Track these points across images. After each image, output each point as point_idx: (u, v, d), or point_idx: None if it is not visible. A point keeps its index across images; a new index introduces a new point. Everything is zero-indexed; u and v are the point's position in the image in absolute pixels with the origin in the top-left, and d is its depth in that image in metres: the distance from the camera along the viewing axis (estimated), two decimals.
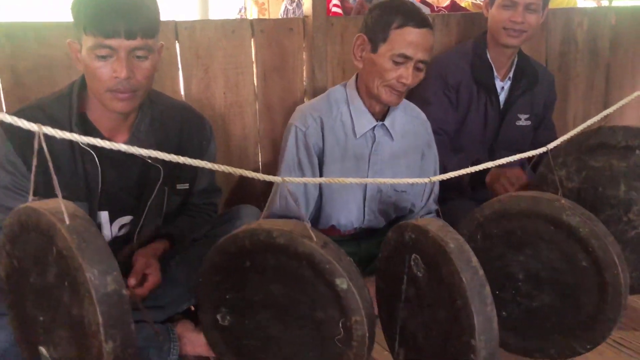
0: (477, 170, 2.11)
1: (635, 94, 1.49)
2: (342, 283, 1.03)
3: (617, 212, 1.58)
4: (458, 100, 2.17)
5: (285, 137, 1.76)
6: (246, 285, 1.21)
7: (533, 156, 2.02)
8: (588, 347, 1.39)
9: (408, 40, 1.60)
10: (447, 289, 1.13)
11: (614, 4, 2.98)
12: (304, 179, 1.69)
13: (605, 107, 2.95)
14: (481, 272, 1.11)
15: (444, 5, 3.04)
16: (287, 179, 1.05)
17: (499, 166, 1.98)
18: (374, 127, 1.76)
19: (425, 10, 2.91)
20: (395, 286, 1.36)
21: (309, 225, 1.04)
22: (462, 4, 3.12)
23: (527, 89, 2.21)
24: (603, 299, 1.33)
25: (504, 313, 1.46)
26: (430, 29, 1.63)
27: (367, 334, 1.04)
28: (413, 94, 2.22)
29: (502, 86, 2.20)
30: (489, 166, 1.31)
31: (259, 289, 1.19)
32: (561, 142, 1.38)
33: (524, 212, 1.39)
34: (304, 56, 2.12)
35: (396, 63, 1.62)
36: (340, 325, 1.06)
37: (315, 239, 1.03)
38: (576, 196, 1.64)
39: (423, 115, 1.91)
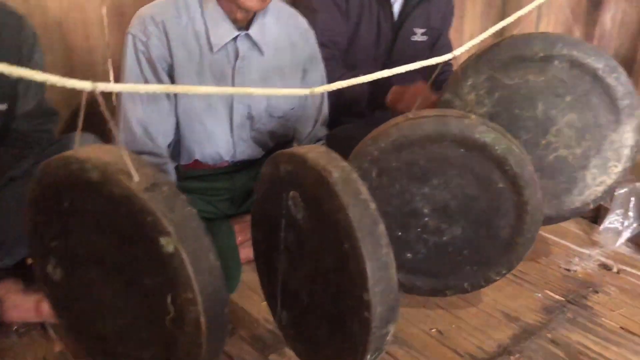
0: (375, 87, 1.91)
1: (535, 3, 1.28)
2: (167, 244, 0.73)
3: (535, 135, 1.39)
4: (348, 9, 1.88)
5: (124, 51, 1.40)
6: (69, 231, 0.88)
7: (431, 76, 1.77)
8: (503, 272, 1.26)
9: None
10: (332, 231, 0.88)
11: None
12: (138, 87, 1.35)
13: (504, 27, 2.82)
14: (373, 206, 0.86)
15: None
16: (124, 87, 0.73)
17: (400, 83, 1.79)
18: (236, 37, 1.43)
19: None
20: (272, 233, 1.09)
21: (128, 156, 0.72)
22: None
23: (423, 0, 1.97)
24: (521, 219, 1.19)
25: (408, 255, 1.26)
26: None
27: (204, 319, 0.76)
28: (296, 2, 1.91)
29: None
30: (385, 75, 1.06)
31: (82, 238, 0.87)
32: (461, 53, 1.14)
33: (428, 136, 1.16)
34: None
35: None
36: (169, 301, 0.76)
37: (136, 178, 0.72)
38: None
39: (304, 23, 1.60)
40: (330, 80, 1.74)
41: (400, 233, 1.24)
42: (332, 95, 1.89)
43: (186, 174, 1.56)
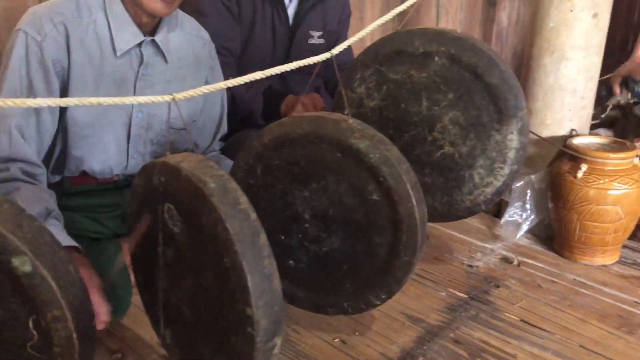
0: (270, 97, 1.86)
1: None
2: (22, 264, 0.64)
3: (422, 130, 1.38)
4: (240, 13, 1.82)
5: (10, 48, 1.27)
6: None
7: (329, 82, 1.74)
8: (383, 297, 1.16)
9: None
10: (211, 244, 0.82)
11: None
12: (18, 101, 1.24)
13: (402, 24, 2.86)
14: (253, 216, 0.80)
15: None
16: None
17: (297, 91, 1.76)
18: (141, 43, 1.35)
19: None
20: (150, 248, 1.02)
21: None
22: None
23: (318, 2, 1.93)
24: (397, 239, 1.09)
25: (291, 262, 1.20)
26: None
27: (76, 334, 0.68)
28: (185, 6, 1.83)
29: None
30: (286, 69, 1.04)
31: None
32: (342, 49, 1.12)
33: (306, 136, 1.11)
34: None
35: None
36: (31, 325, 0.68)
37: None
38: (378, 116, 1.41)
39: (206, 35, 1.53)
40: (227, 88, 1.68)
41: (282, 237, 1.19)
42: (229, 104, 1.83)
43: (72, 189, 1.45)
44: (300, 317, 1.32)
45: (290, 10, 1.90)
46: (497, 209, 1.85)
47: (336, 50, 1.11)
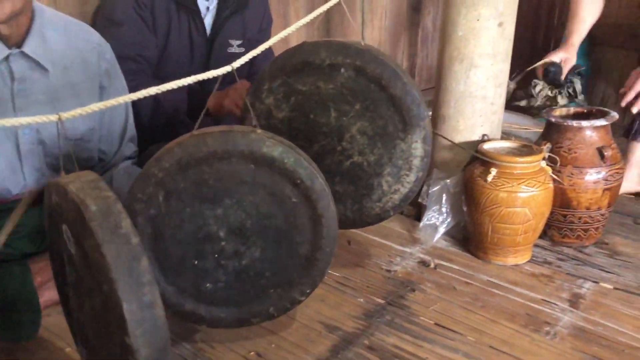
0: (194, 100, 1.84)
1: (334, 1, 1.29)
2: None
3: (332, 141, 1.40)
4: (155, 22, 1.79)
5: None
6: None
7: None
8: (308, 291, 1.21)
9: None
10: (94, 269, 0.80)
11: None
12: None
13: (328, 32, 2.88)
14: (135, 240, 0.79)
15: None
16: None
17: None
18: (7, 57, 1.29)
19: None
20: (61, 267, 1.01)
21: None
22: None
23: (236, 11, 1.93)
24: (318, 233, 1.15)
25: (208, 285, 1.19)
26: None
27: None
28: (98, 14, 1.80)
29: (207, 6, 1.88)
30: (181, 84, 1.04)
31: None
32: (246, 60, 1.11)
33: (214, 153, 1.10)
34: None
35: None
36: None
37: None
38: (288, 127, 1.41)
39: (95, 37, 1.48)
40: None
41: (196, 262, 1.17)
42: (149, 111, 1.80)
43: None
44: (215, 332, 1.31)
45: (208, 20, 1.89)
46: (418, 213, 1.89)
47: (237, 64, 1.10)
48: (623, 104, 1.87)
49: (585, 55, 2.72)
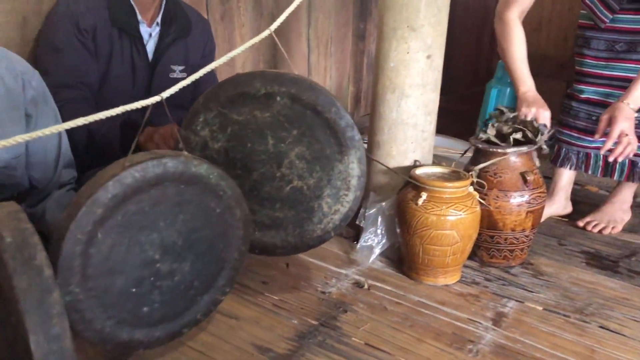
0: (129, 128, 1.86)
1: (265, 33, 1.35)
2: None
3: (271, 168, 1.44)
4: (96, 48, 1.81)
5: None
6: None
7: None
8: (227, 290, 1.32)
9: None
10: (7, 300, 0.82)
11: None
12: None
13: (275, 58, 2.94)
14: (47, 272, 0.81)
15: None
16: None
17: (157, 121, 1.77)
18: None
19: None
20: None
21: None
22: None
23: (179, 37, 1.97)
24: (236, 236, 1.29)
25: (145, 309, 1.20)
26: None
27: None
28: (40, 41, 1.81)
29: (150, 32, 1.91)
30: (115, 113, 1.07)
31: None
32: (176, 90, 1.16)
33: (149, 181, 1.14)
34: None
35: None
36: None
37: None
38: (225, 157, 1.46)
39: (20, 65, 1.47)
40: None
41: (134, 289, 1.19)
42: (84, 138, 1.81)
43: None
44: (148, 354, 1.32)
45: (150, 46, 1.92)
46: (356, 235, 1.95)
47: (166, 93, 1.14)
48: (602, 152, 1.85)
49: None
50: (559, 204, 2.21)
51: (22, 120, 1.45)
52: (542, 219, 2.07)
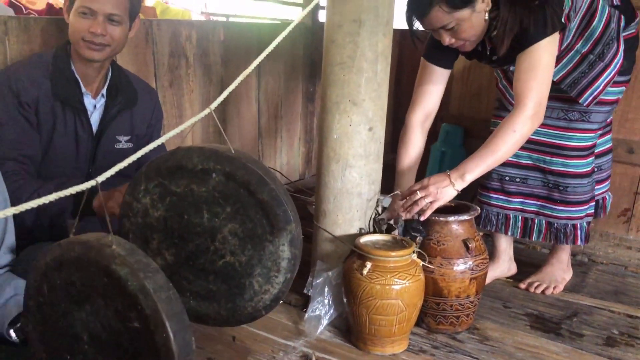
0: (80, 196, 1.83)
1: (205, 111, 1.37)
2: None
3: (205, 240, 1.44)
4: (39, 120, 1.80)
5: None
6: None
7: None
8: None
9: None
10: None
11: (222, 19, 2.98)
12: None
13: (225, 122, 2.97)
14: None
15: (39, 8, 2.60)
16: None
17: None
18: None
19: (7, 12, 2.45)
20: None
21: None
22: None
23: (124, 108, 1.97)
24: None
25: None
26: None
27: None
28: None
29: (95, 104, 1.91)
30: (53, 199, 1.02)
31: None
32: (116, 171, 1.16)
33: (78, 259, 1.12)
34: None
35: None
36: None
37: None
38: (163, 225, 1.45)
39: None
40: (29, 193, 1.64)
41: (69, 357, 1.17)
42: (33, 212, 1.77)
43: None
44: None
45: (95, 117, 1.92)
46: (305, 303, 1.94)
47: (101, 178, 1.14)
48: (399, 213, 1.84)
49: (461, 145, 2.98)
50: (503, 267, 2.26)
51: None
52: (488, 281, 2.12)
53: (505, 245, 2.24)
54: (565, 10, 1.80)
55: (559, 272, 2.23)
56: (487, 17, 1.78)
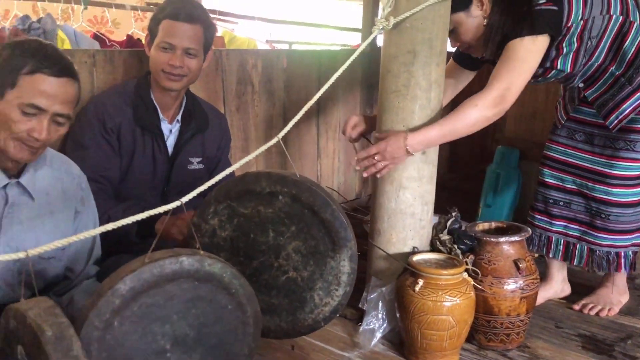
0: (145, 218, 2.02)
1: (273, 140, 1.52)
2: None
3: (269, 258, 1.59)
4: (120, 144, 2.00)
5: None
6: None
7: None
8: None
9: (41, 89, 1.39)
10: None
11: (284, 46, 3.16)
12: None
13: (287, 144, 3.12)
14: None
15: (119, 39, 2.86)
16: None
17: (172, 212, 1.92)
18: (6, 185, 1.49)
19: (93, 44, 2.70)
20: None
21: None
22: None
23: (197, 132, 2.16)
24: (246, 333, 1.39)
25: None
26: (71, 78, 1.45)
27: None
28: (68, 138, 2.00)
29: (170, 129, 2.10)
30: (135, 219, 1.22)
31: None
32: (196, 194, 1.32)
33: (165, 276, 1.28)
34: None
35: (26, 114, 1.39)
36: None
37: None
38: (230, 245, 1.61)
39: (76, 170, 1.69)
40: (101, 212, 1.82)
41: None
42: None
43: None
44: None
45: (170, 141, 2.11)
46: (360, 317, 2.05)
47: (185, 199, 1.30)
48: (353, 162, 1.90)
49: (515, 167, 3.02)
50: (556, 287, 2.29)
51: (72, 216, 1.64)
52: (540, 302, 2.16)
53: (558, 266, 2.27)
54: (573, 29, 1.86)
55: (614, 295, 2.24)
56: (485, 22, 1.88)
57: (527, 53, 1.82)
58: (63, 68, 1.43)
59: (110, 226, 1.18)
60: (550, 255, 2.21)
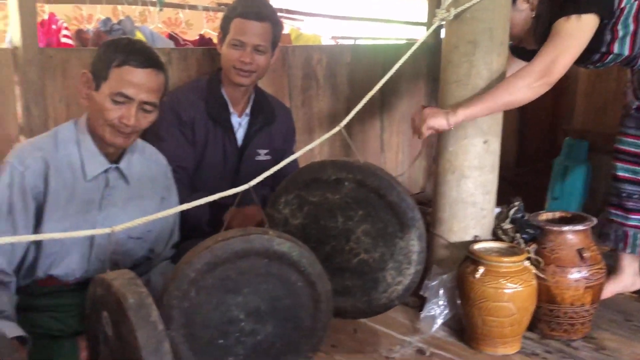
0: (216, 207, 2.13)
1: (335, 129, 1.59)
2: None
3: (340, 242, 1.67)
4: (194, 136, 2.13)
5: None
6: None
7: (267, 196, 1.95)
8: (310, 355, 1.52)
9: (128, 79, 1.55)
10: (127, 348, 1.05)
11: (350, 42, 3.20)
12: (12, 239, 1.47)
13: (351, 138, 3.19)
14: (160, 327, 1.05)
15: (192, 39, 3.01)
16: None
17: (238, 205, 2.04)
18: (107, 169, 1.65)
19: (168, 44, 2.86)
20: (96, 346, 1.26)
21: None
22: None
23: (264, 125, 2.26)
24: (318, 309, 1.47)
25: (230, 359, 1.44)
26: (156, 69, 1.59)
27: None
28: (146, 131, 2.14)
29: (240, 122, 2.21)
30: (207, 201, 1.33)
31: None
32: (262, 179, 1.41)
33: (236, 253, 1.38)
34: (17, 91, 1.91)
35: (116, 102, 1.55)
36: None
37: None
38: (302, 232, 1.70)
39: (163, 160, 1.85)
40: (181, 201, 1.94)
41: (221, 341, 1.43)
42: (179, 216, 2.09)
43: (39, 291, 1.68)
44: None
45: (240, 134, 2.22)
46: (421, 304, 2.08)
47: (254, 182, 1.39)
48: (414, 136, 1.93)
49: (585, 159, 2.95)
50: (627, 281, 2.23)
51: (158, 201, 1.80)
52: (609, 296, 2.12)
53: (629, 259, 2.21)
54: (627, 10, 1.86)
55: None
56: (533, 15, 1.89)
57: (574, 30, 1.81)
58: (148, 59, 1.58)
59: (185, 206, 1.28)
60: (628, 251, 2.16)
